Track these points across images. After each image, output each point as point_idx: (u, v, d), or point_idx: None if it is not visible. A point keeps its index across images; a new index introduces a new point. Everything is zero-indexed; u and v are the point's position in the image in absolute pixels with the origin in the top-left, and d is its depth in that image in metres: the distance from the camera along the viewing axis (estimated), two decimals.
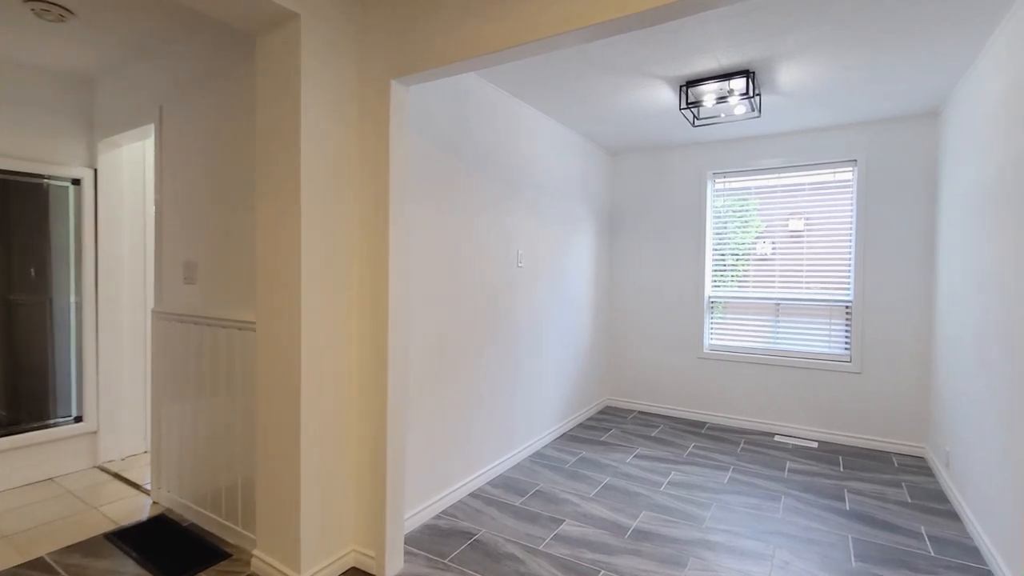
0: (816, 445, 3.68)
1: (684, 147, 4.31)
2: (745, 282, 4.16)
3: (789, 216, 3.97)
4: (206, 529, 2.38)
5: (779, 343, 4.00)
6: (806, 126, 3.71)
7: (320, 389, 1.95)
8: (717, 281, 4.28)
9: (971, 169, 2.60)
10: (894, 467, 3.28)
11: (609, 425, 4.10)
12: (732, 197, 4.21)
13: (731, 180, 4.19)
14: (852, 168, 3.72)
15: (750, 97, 2.84)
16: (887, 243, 3.59)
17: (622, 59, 2.59)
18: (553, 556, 2.21)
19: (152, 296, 3.24)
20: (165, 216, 2.62)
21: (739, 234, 4.19)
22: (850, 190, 3.74)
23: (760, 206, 4.10)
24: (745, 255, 4.16)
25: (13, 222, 2.82)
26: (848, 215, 3.74)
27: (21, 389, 2.86)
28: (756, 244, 4.11)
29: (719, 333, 4.27)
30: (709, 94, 2.92)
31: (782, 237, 4.00)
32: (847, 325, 3.75)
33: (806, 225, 3.91)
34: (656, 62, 2.63)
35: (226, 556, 2.17)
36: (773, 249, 4.03)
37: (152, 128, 2.73)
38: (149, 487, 2.78)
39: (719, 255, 4.27)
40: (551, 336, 3.69)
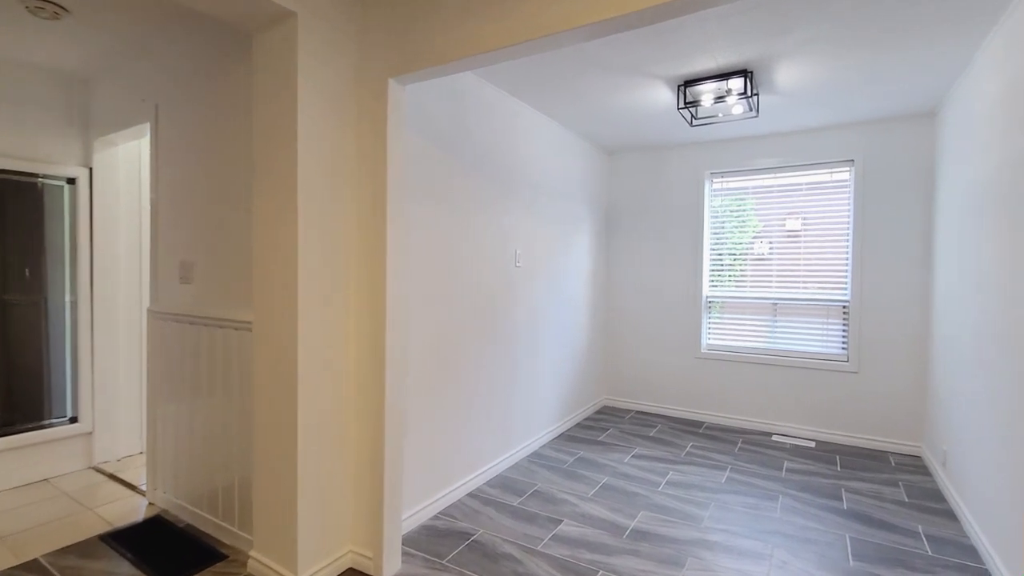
0: (813, 445, 3.69)
1: (682, 147, 4.31)
2: (742, 282, 4.16)
3: (786, 216, 3.97)
4: (202, 530, 2.37)
5: (776, 343, 4.01)
6: (803, 126, 3.71)
7: (317, 389, 1.94)
8: (715, 281, 4.28)
9: (968, 169, 2.60)
10: (891, 466, 3.29)
11: (607, 425, 4.10)
12: (729, 197, 4.21)
13: (728, 180, 4.19)
14: (849, 168, 3.73)
15: (748, 97, 2.84)
16: (884, 243, 3.60)
17: (621, 58, 2.59)
18: (551, 556, 2.20)
19: (148, 295, 3.23)
20: (161, 215, 2.61)
21: (736, 234, 4.19)
22: (847, 190, 3.74)
23: (757, 206, 4.10)
24: (742, 255, 4.16)
25: (8, 221, 2.80)
26: (845, 215, 3.75)
27: (16, 389, 2.84)
28: (753, 244, 4.11)
29: (717, 333, 4.27)
30: (707, 94, 2.92)
31: (779, 237, 4.00)
32: (844, 325, 3.76)
33: (803, 225, 3.91)
34: (655, 61, 2.63)
35: (222, 557, 2.16)
36: (770, 249, 4.04)
37: (148, 127, 2.72)
38: (145, 488, 2.76)
39: (716, 255, 4.27)
40: (549, 336, 3.69)
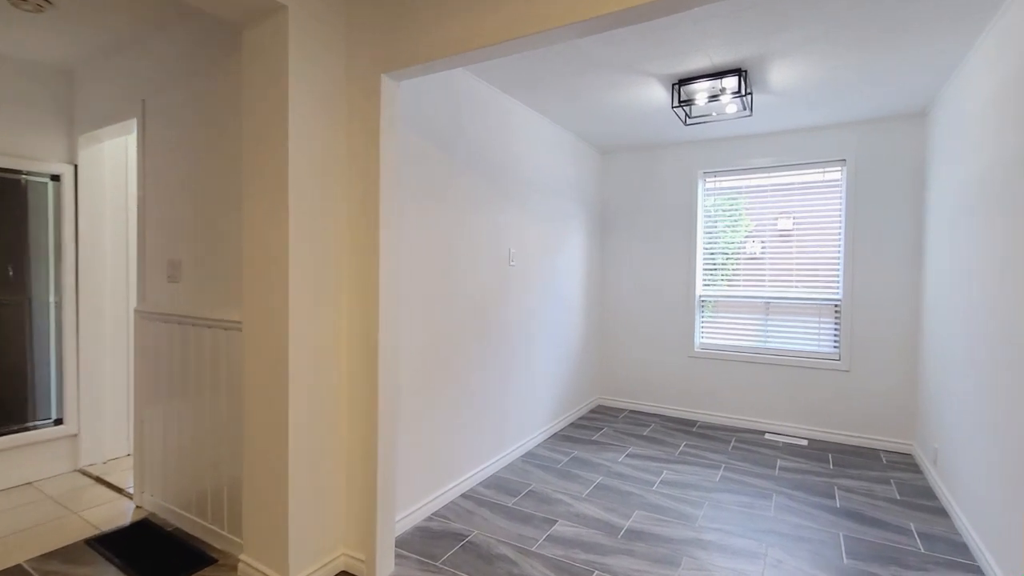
0: (806, 443, 3.71)
1: (675, 146, 4.32)
2: (735, 281, 4.17)
3: (778, 215, 3.99)
4: (191, 534, 2.33)
5: (769, 342, 4.02)
6: (796, 125, 3.73)
7: (309, 389, 1.90)
8: (708, 280, 4.29)
9: (959, 168, 2.62)
10: (882, 464, 3.31)
11: (601, 424, 4.10)
12: (722, 196, 4.22)
13: (721, 179, 4.20)
14: (841, 168, 3.75)
15: (742, 96, 2.84)
16: (876, 242, 3.62)
17: (615, 56, 2.58)
18: (546, 557, 2.19)
19: (135, 295, 3.17)
20: (148, 213, 2.56)
21: (729, 233, 4.20)
22: (839, 189, 3.76)
23: (749, 205, 4.11)
24: (735, 254, 4.17)
25: None
26: (837, 214, 3.77)
27: None
28: (745, 243, 4.12)
29: (710, 332, 4.28)
30: (701, 92, 2.92)
31: (771, 236, 4.01)
32: (836, 324, 3.78)
33: (795, 224, 3.93)
34: (649, 59, 2.62)
35: (212, 561, 2.12)
36: (762, 248, 4.05)
37: (135, 123, 2.66)
38: (132, 491, 2.71)
39: (709, 254, 4.28)
40: (543, 335, 3.67)
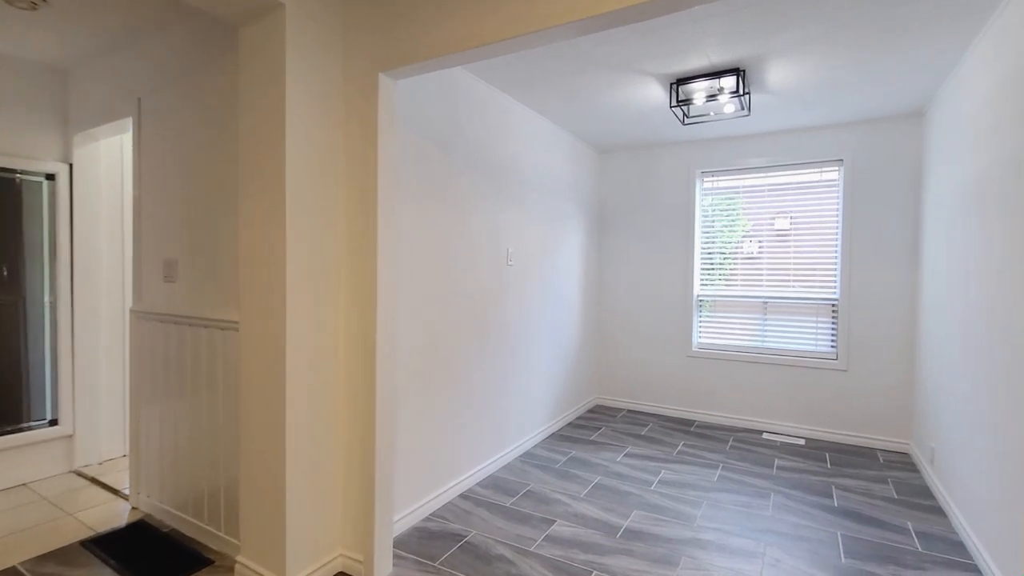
0: (803, 442, 3.71)
1: (673, 146, 4.32)
2: (733, 281, 4.17)
3: (775, 215, 3.99)
4: (187, 535, 2.31)
5: (767, 341, 4.02)
6: (794, 125, 3.73)
7: (306, 389, 1.89)
8: (705, 280, 4.29)
9: (957, 169, 2.63)
10: (880, 463, 3.31)
11: (599, 424, 4.09)
12: (719, 196, 4.22)
13: (719, 179, 4.20)
14: (838, 168, 3.75)
15: (740, 95, 2.84)
16: (873, 242, 3.63)
17: (614, 55, 2.58)
18: (544, 557, 2.18)
19: (130, 295, 3.15)
20: (144, 212, 2.54)
21: (726, 233, 4.21)
22: (836, 189, 3.77)
23: (747, 205, 4.12)
24: (732, 254, 4.18)
25: None
26: (834, 214, 3.78)
27: None
28: (743, 243, 4.13)
29: (708, 332, 4.28)
30: (699, 92, 2.92)
31: (769, 236, 4.02)
32: (833, 323, 3.79)
33: (792, 224, 3.93)
34: (648, 59, 2.61)
35: (208, 563, 2.11)
36: (760, 248, 4.05)
37: (130, 121, 2.65)
38: (128, 492, 2.69)
39: (707, 254, 4.28)
40: (541, 335, 3.67)
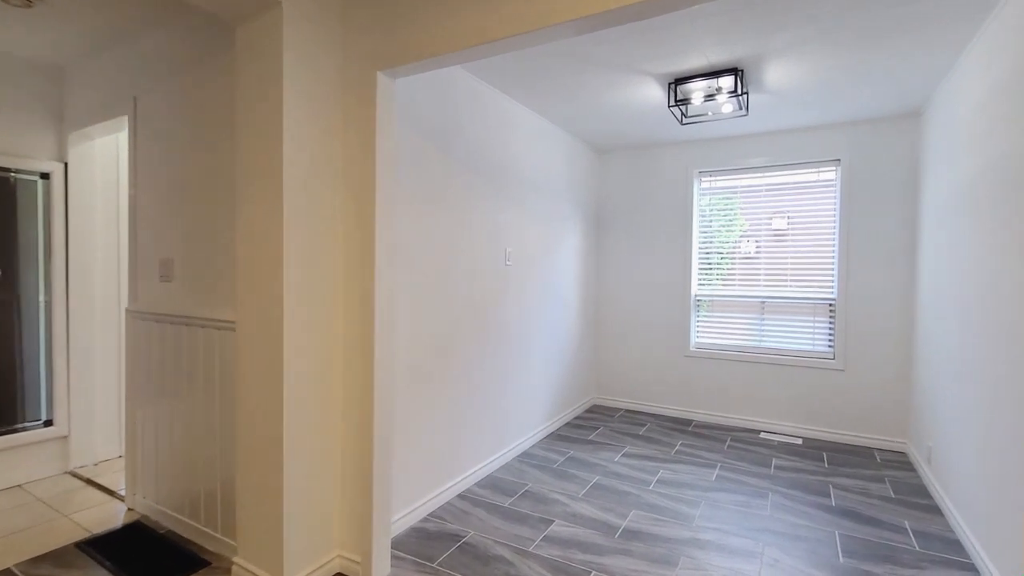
0: (801, 442, 3.72)
1: (671, 145, 4.32)
2: (730, 281, 4.18)
3: (773, 215, 4.00)
4: (184, 536, 2.30)
5: (764, 341, 4.03)
6: (791, 125, 3.73)
7: (303, 390, 1.88)
8: (703, 280, 4.29)
9: (953, 169, 2.63)
10: (877, 463, 3.32)
11: (597, 424, 4.09)
12: (717, 196, 4.23)
13: (717, 179, 4.20)
14: (835, 168, 3.76)
15: (738, 95, 2.84)
16: (870, 242, 3.64)
17: (613, 55, 2.57)
18: (543, 558, 2.18)
19: (126, 294, 3.13)
20: (140, 211, 2.52)
21: (723, 233, 4.21)
22: (834, 189, 3.78)
23: (744, 205, 4.12)
24: (730, 254, 4.18)
25: None
26: (831, 214, 3.78)
27: None
28: (740, 243, 4.13)
29: (705, 331, 4.28)
30: (698, 92, 2.92)
31: (766, 236, 4.02)
32: (831, 323, 3.79)
33: (790, 224, 3.94)
34: (646, 59, 2.61)
35: (205, 564, 2.10)
36: (757, 248, 4.06)
37: (126, 120, 2.63)
38: (123, 493, 2.68)
39: (704, 254, 4.29)
40: (539, 334, 3.66)
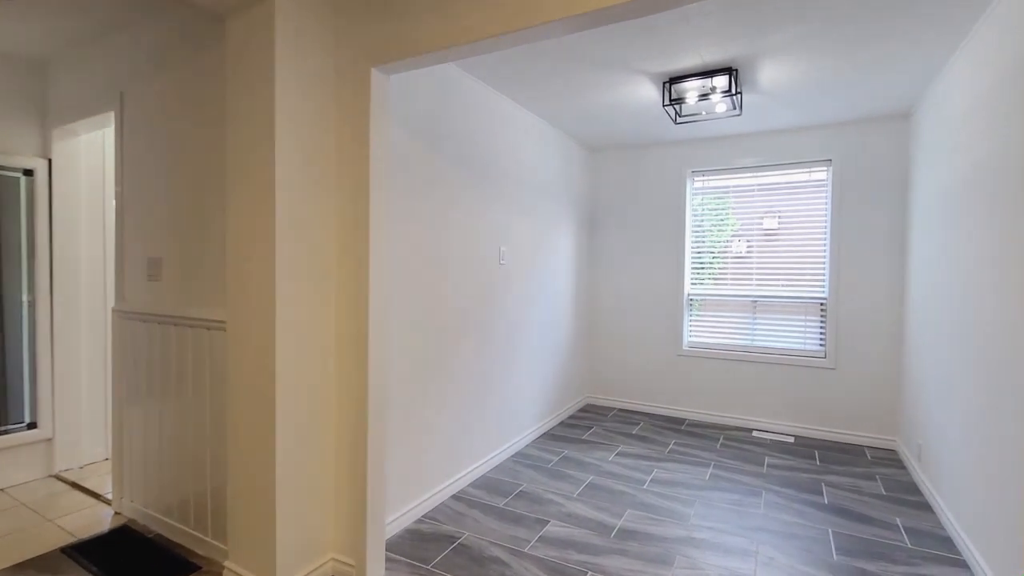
0: (793, 440, 3.74)
1: (664, 145, 4.32)
2: (722, 280, 4.19)
3: (764, 215, 4.02)
4: (173, 540, 2.26)
5: (756, 340, 4.05)
6: (784, 126, 3.75)
7: (296, 391, 1.85)
8: (695, 279, 4.31)
9: (943, 169, 2.66)
10: (867, 460, 3.35)
11: (590, 423, 4.09)
12: (709, 196, 4.24)
13: (709, 179, 4.22)
14: (827, 168, 3.79)
15: (732, 95, 2.85)
16: (861, 241, 3.67)
17: (607, 54, 2.56)
18: (539, 558, 2.16)
19: (112, 294, 3.07)
20: (127, 209, 2.47)
21: (715, 232, 4.23)
22: (825, 189, 3.80)
23: (736, 205, 4.14)
24: (722, 253, 4.20)
25: None
26: (823, 214, 3.81)
27: None
28: (731, 242, 4.15)
29: (698, 331, 4.29)
30: (692, 91, 2.92)
31: (757, 236, 4.04)
32: (822, 322, 3.82)
33: (781, 224, 3.96)
34: (642, 57, 2.60)
35: (195, 568, 2.06)
36: (748, 248, 4.08)
37: (112, 116, 2.57)
38: (110, 497, 2.62)
39: (697, 253, 4.30)
40: (532, 334, 3.65)
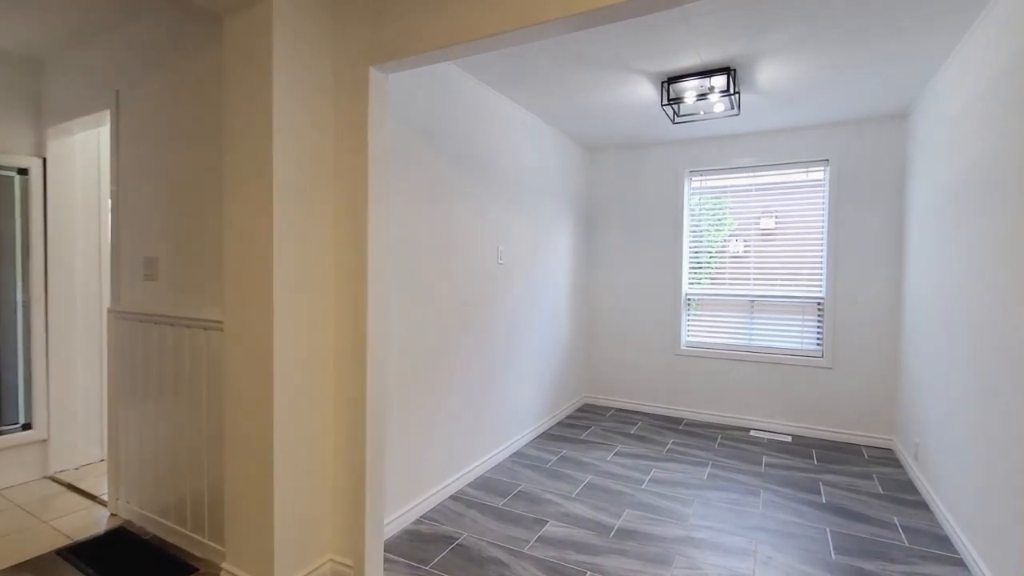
0: (790, 439, 3.75)
1: (662, 145, 4.33)
2: (720, 280, 4.20)
3: (760, 215, 4.03)
4: (170, 542, 2.24)
5: (754, 340, 4.06)
6: (781, 125, 3.76)
7: (294, 391, 1.84)
8: (693, 279, 4.31)
9: (939, 170, 2.67)
10: (864, 459, 3.36)
11: (588, 423, 4.09)
12: (706, 196, 4.25)
13: (707, 179, 4.22)
14: (824, 168, 3.80)
15: (730, 95, 2.85)
16: (858, 241, 3.68)
17: (606, 53, 2.56)
18: (538, 559, 2.16)
19: (108, 294, 3.05)
20: (122, 209, 2.45)
21: (712, 232, 4.23)
22: (822, 189, 3.81)
23: (733, 205, 4.14)
24: (719, 253, 4.20)
25: None
26: (820, 214, 3.82)
27: None
28: (729, 242, 4.15)
29: (695, 330, 4.30)
30: (690, 91, 2.92)
31: (755, 235, 4.05)
32: (819, 322, 3.83)
33: (778, 223, 3.97)
34: (641, 57, 2.60)
35: (192, 570, 2.04)
36: (746, 247, 4.08)
37: (108, 115, 2.56)
38: (106, 498, 2.60)
39: (694, 253, 4.30)
40: (530, 333, 3.65)
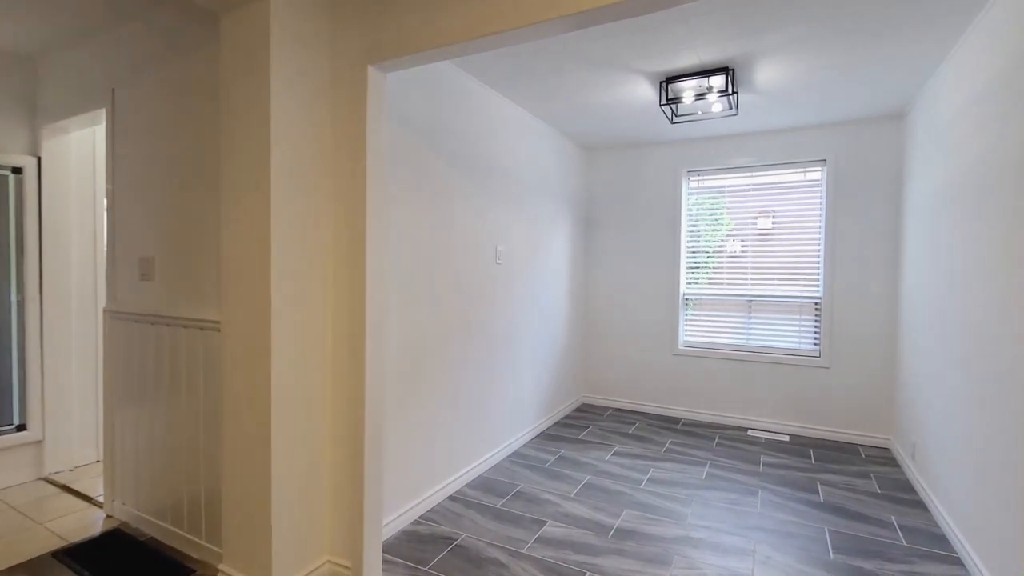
0: (788, 439, 3.76)
1: (660, 145, 4.33)
2: (718, 280, 4.20)
3: (758, 215, 4.03)
4: (166, 543, 2.23)
5: (751, 339, 4.06)
6: (779, 126, 3.77)
7: (292, 391, 1.83)
8: (691, 278, 4.31)
9: (936, 169, 2.67)
10: (862, 459, 3.37)
11: (586, 423, 4.09)
12: (704, 195, 4.25)
13: (705, 178, 4.22)
14: (822, 168, 3.80)
15: (728, 95, 2.85)
16: (855, 241, 3.68)
17: (604, 53, 2.56)
18: (537, 559, 2.16)
19: (104, 294, 3.03)
20: (118, 208, 2.44)
21: (710, 232, 4.24)
22: (819, 189, 3.82)
23: (731, 205, 4.15)
24: (717, 253, 4.21)
25: None
26: (817, 214, 3.83)
27: None
28: (726, 242, 4.16)
29: (693, 330, 4.30)
30: (689, 91, 2.92)
31: (752, 235, 4.06)
32: (816, 321, 3.84)
33: (776, 223, 3.97)
34: (639, 57, 2.60)
35: (189, 572, 2.03)
36: (743, 247, 4.09)
37: (103, 113, 2.54)
38: (102, 500, 2.59)
39: (692, 252, 4.31)
40: (528, 333, 3.64)
